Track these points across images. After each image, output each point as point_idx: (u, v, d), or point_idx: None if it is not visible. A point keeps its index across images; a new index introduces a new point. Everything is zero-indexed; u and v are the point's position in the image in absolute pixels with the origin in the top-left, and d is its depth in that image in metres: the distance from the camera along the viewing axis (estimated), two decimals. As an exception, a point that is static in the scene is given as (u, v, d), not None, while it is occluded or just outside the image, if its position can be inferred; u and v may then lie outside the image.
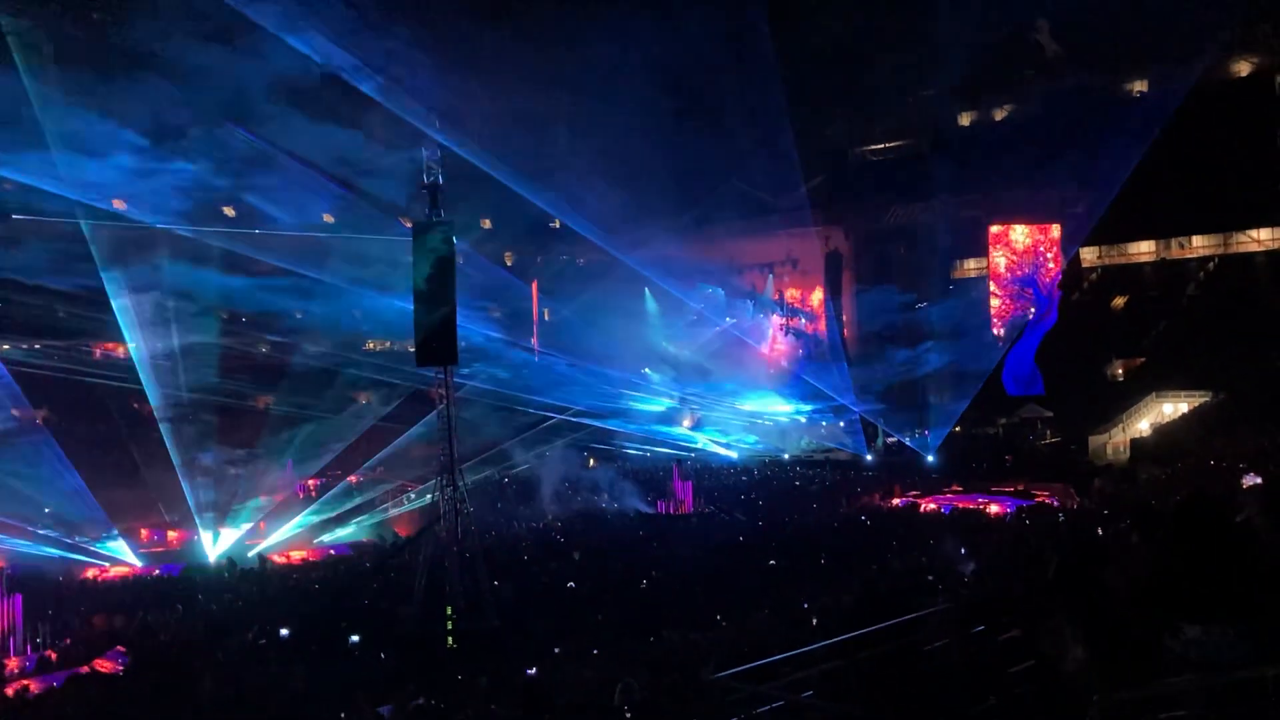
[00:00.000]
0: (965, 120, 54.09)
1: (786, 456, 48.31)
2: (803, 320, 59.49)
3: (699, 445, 49.65)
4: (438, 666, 19.58)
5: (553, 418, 46.00)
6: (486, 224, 52.09)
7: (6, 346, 41.83)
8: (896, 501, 35.75)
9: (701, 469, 44.13)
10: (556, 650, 19.45)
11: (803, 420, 52.12)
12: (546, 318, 56.63)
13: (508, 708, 15.53)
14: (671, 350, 56.46)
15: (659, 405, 53.47)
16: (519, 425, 44.57)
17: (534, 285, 56.51)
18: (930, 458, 42.97)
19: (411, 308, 25.56)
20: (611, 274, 53.46)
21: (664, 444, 47.77)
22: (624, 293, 54.56)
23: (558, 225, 56.01)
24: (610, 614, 22.39)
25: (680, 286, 56.29)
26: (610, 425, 47.99)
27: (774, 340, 58.93)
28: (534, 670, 18.12)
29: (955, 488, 37.05)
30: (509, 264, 57.86)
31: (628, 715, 12.93)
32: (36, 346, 43.98)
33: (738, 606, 21.57)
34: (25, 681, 19.77)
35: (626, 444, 47.52)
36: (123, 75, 39.35)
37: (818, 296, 58.55)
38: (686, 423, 52.98)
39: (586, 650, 19.36)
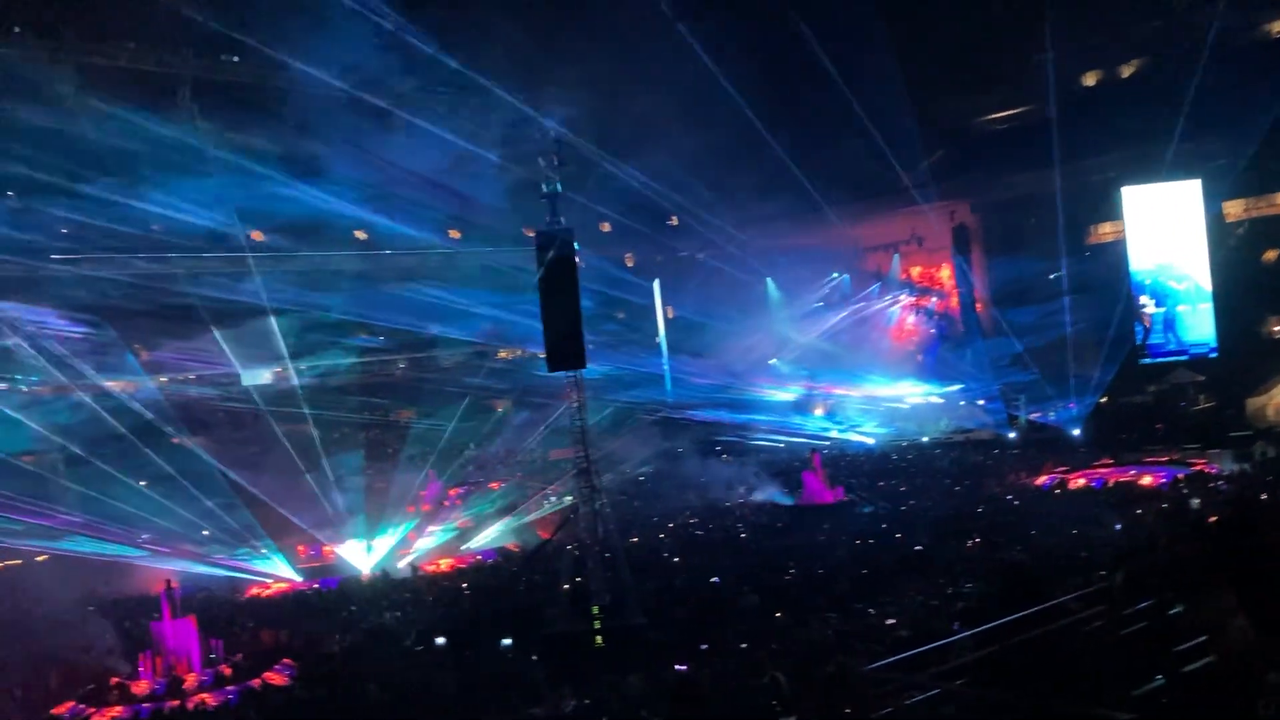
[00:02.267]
0: (1090, 80, 52.03)
1: (925, 440, 47.29)
2: (933, 299, 58.13)
3: (834, 433, 49.06)
4: (587, 666, 19.84)
5: (684, 414, 46.15)
6: (606, 227, 52.52)
7: (165, 379, 44.13)
8: (1043, 479, 34.62)
9: (838, 457, 43.63)
10: (704, 646, 19.48)
11: (940, 401, 50.98)
12: (670, 315, 56.78)
13: (659, 705, 15.65)
14: (798, 338, 55.95)
15: (789, 395, 53.06)
16: (651, 423, 44.86)
17: (655, 284, 56.70)
18: (1076, 431, 41.47)
19: (539, 315, 26.05)
20: (733, 266, 53.31)
21: (798, 434, 47.35)
22: (746, 284, 54.33)
23: (675, 223, 56.13)
24: (754, 607, 22.33)
25: (803, 274, 55.75)
26: (741, 418, 47.85)
27: (904, 321, 57.80)
28: (683, 666, 18.22)
29: (1106, 461, 35.70)
30: (630, 265, 58.23)
31: (777, 708, 12.87)
32: (191, 377, 46.28)
33: (885, 595, 21.27)
34: (202, 696, 20.91)
35: (760, 436, 47.28)
36: (255, 108, 41.12)
37: (946, 273, 57.16)
38: (819, 411, 52.43)
39: (733, 644, 19.37)
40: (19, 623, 25.88)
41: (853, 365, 53.07)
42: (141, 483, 38.38)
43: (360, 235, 49.08)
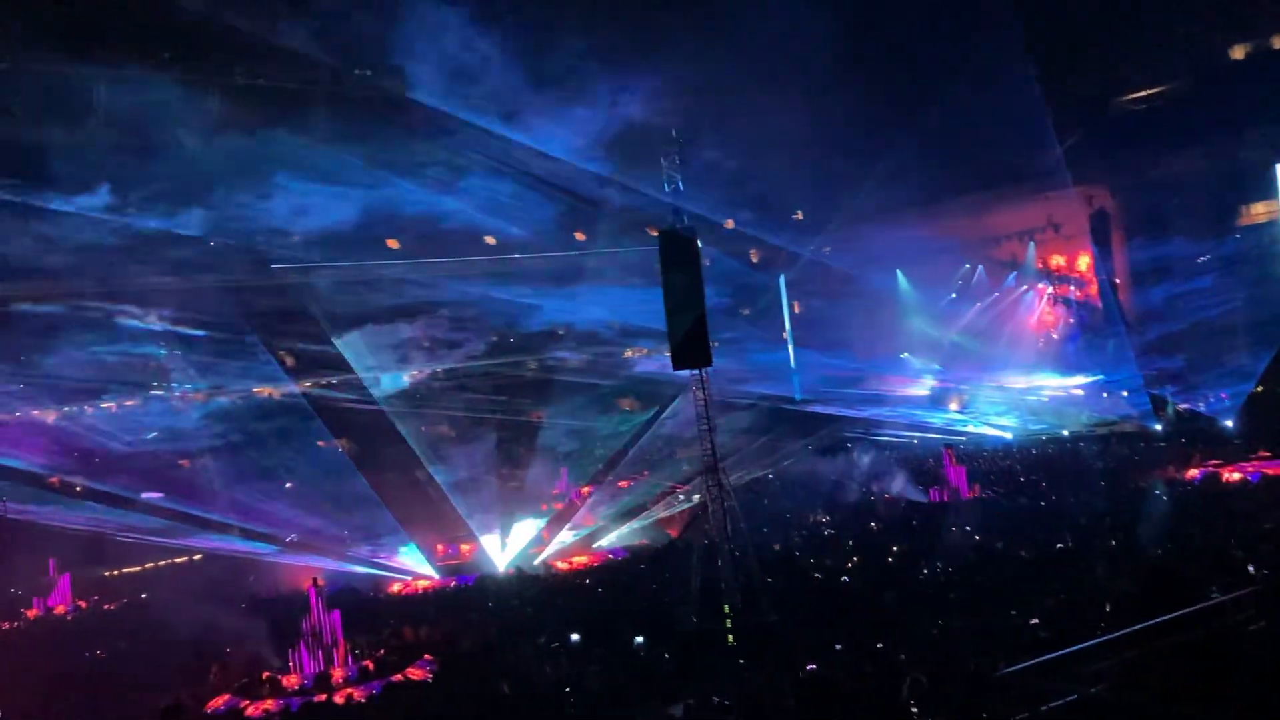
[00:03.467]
0: (1239, 53, 49.32)
1: (1066, 433, 45.67)
2: (1072, 287, 56.01)
3: (969, 428, 47.82)
4: (720, 664, 19.83)
5: (814, 410, 45.68)
6: (730, 224, 52.34)
7: (308, 385, 45.90)
8: (1194, 473, 33.05)
9: (974, 452, 42.52)
10: (838, 646, 19.25)
11: (1081, 393, 49.16)
12: (797, 310, 56.21)
13: (792, 703, 15.54)
14: (931, 332, 54.70)
15: (921, 389, 51.95)
16: (780, 420, 44.54)
17: (781, 279, 56.20)
18: (1229, 422, 39.44)
19: (664, 314, 26.09)
20: (861, 259, 52.44)
21: (931, 429, 46.33)
22: (875, 278, 53.39)
23: (801, 217, 55.53)
24: (889, 606, 21.98)
25: (935, 265, 54.46)
26: (872, 413, 47.08)
27: (1042, 311, 55.87)
28: (814, 665, 18.05)
29: (1262, 453, 33.85)
30: (755, 261, 57.87)
31: (914, 710, 12.65)
32: (332, 381, 48.03)
33: (1025, 595, 20.64)
34: (349, 690, 21.70)
35: (891, 431, 46.44)
36: (388, 121, 42.39)
37: (1085, 261, 54.98)
38: (953, 405, 51.18)
39: (868, 643, 19.10)
40: (178, 618, 27.31)
41: (987, 357, 51.61)
42: (287, 484, 40.19)
43: (489, 240, 50.06)
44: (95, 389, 41.75)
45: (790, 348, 53.87)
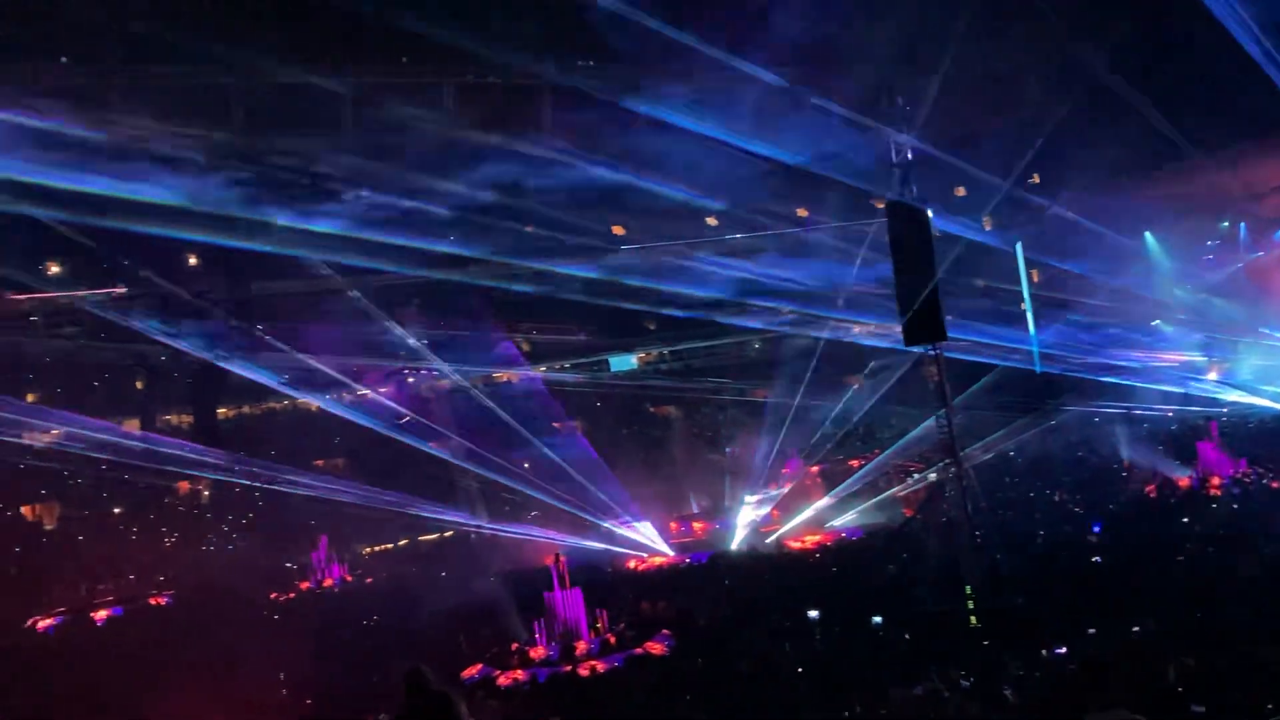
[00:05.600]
0: None
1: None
2: (1359, 237, 50.65)
3: (1232, 398, 44.18)
4: (962, 646, 19.28)
5: (1057, 383, 43.47)
6: (960, 191, 50.42)
7: (544, 369, 47.66)
8: None
9: (1238, 424, 39.27)
10: (1091, 631, 18.32)
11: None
12: (1035, 279, 53.50)
13: (1039, 686, 15.00)
14: (1184, 295, 50.84)
15: (1176, 358, 48.40)
16: (1020, 394, 42.64)
17: (1018, 247, 53.60)
18: None
19: (893, 288, 25.46)
20: (1105, 222, 49.26)
21: (1187, 401, 43.13)
22: (1121, 240, 50.05)
23: (1037, 180, 52.79)
24: (1145, 589, 20.69)
25: (1188, 224, 50.52)
26: (1122, 384, 44.26)
27: (1318, 268, 50.84)
28: (1064, 649, 17.30)
29: None
30: (988, 229, 55.48)
31: (1181, 693, 11.93)
32: (566, 366, 49.71)
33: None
34: (592, 662, 22.46)
35: (1144, 405, 43.54)
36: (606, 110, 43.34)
37: (1370, 207, 49.66)
38: (1212, 375, 47.40)
39: (1123, 627, 18.10)
40: (431, 592, 29.09)
41: (1252, 322, 47.47)
42: (525, 464, 41.93)
43: (711, 221, 50.31)
44: (353, 374, 44.96)
45: (1029, 317, 51.30)
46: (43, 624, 33.38)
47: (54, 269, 43.00)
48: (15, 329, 39.72)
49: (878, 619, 21.35)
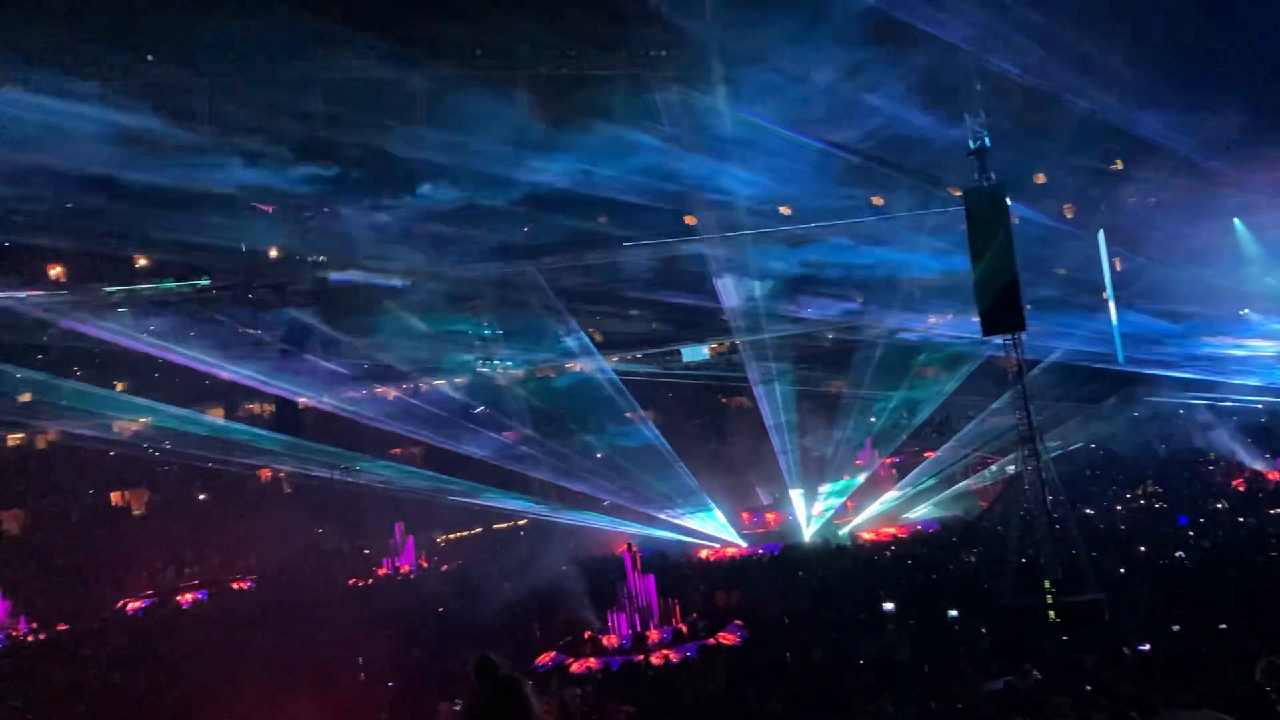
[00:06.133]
0: None
1: None
2: None
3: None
4: (1041, 641, 18.92)
5: (1140, 373, 42.34)
6: (1040, 179, 49.39)
7: (615, 359, 47.79)
8: None
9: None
10: (1175, 628, 17.85)
11: None
12: (1119, 267, 52.16)
13: (1120, 683, 14.61)
14: (1275, 284, 49.10)
15: (1267, 349, 46.82)
16: (1102, 385, 41.68)
17: (1100, 235, 52.29)
18: None
19: (970, 277, 25.02)
20: (1190, 209, 47.81)
21: (1278, 393, 41.74)
22: (1208, 227, 48.52)
23: (1120, 166, 51.49)
24: (1233, 584, 20.10)
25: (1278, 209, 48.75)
26: (1209, 376, 42.98)
27: None
28: (1146, 645, 16.85)
29: None
30: (1069, 216, 54.25)
31: (1269, 693, 11.53)
32: (637, 356, 49.75)
33: None
34: (665, 651, 22.51)
35: (1232, 397, 42.23)
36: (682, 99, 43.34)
37: None
38: (1307, 365, 45.75)
39: (1210, 623, 17.59)
40: (505, 579, 29.38)
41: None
42: (597, 454, 42.15)
43: (784, 210, 49.95)
44: (426, 367, 45.60)
45: (1112, 306, 50.02)
46: (132, 606, 34.49)
47: (141, 261, 44.23)
48: (105, 320, 40.98)
49: (954, 612, 21.04)
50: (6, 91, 32.17)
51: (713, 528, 35.94)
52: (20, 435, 42.76)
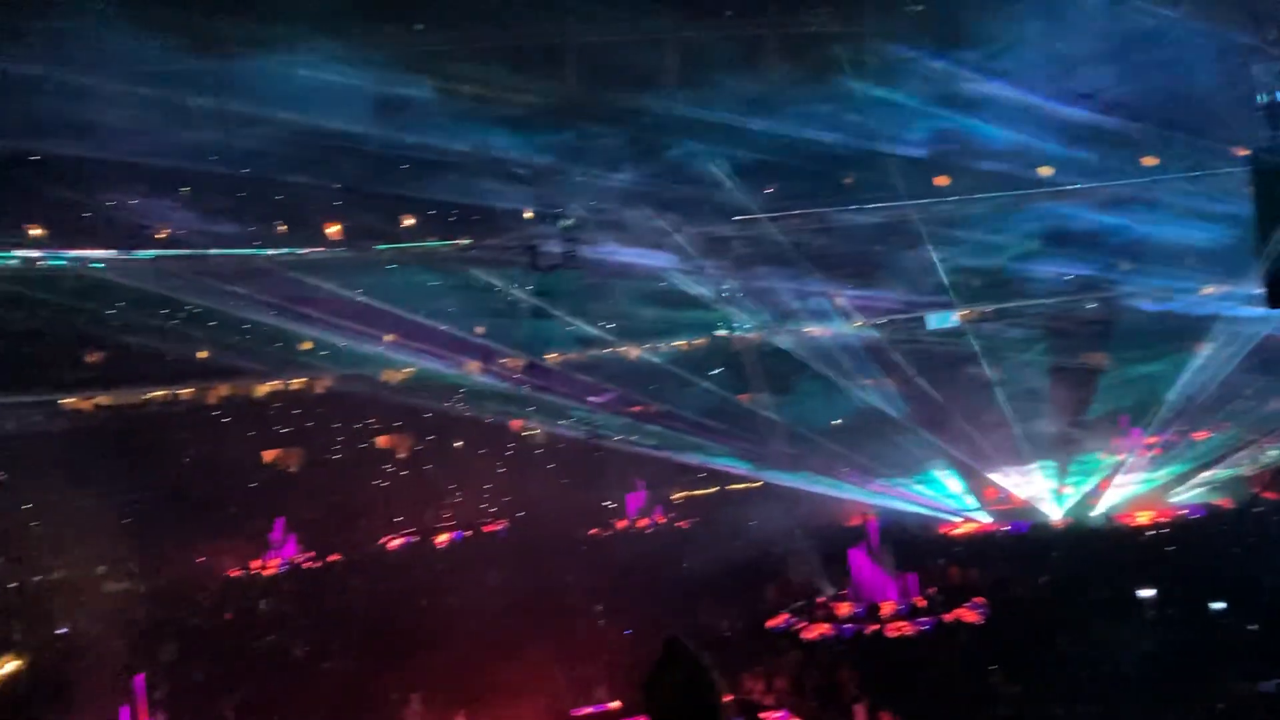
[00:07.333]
0: None
1: None
2: None
3: None
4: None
5: None
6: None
7: (858, 323, 46.93)
8: None
9: None
10: None
11: None
12: None
13: None
14: None
15: None
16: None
17: None
18: None
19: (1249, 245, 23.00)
20: None
21: None
22: None
23: None
24: None
25: None
26: None
27: None
28: None
29: None
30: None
31: None
32: (879, 322, 48.69)
33: None
34: (899, 624, 22.12)
35: None
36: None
37: None
38: None
39: None
40: (736, 540, 29.74)
41: None
42: (835, 420, 41.77)
43: (1044, 171, 47.36)
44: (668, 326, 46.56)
45: None
46: (393, 544, 37.38)
47: (407, 222, 47.11)
48: (376, 275, 44.11)
49: (1220, 605, 19.57)
50: (302, 58, 34.65)
51: (954, 502, 34.90)
52: (302, 380, 46.80)
